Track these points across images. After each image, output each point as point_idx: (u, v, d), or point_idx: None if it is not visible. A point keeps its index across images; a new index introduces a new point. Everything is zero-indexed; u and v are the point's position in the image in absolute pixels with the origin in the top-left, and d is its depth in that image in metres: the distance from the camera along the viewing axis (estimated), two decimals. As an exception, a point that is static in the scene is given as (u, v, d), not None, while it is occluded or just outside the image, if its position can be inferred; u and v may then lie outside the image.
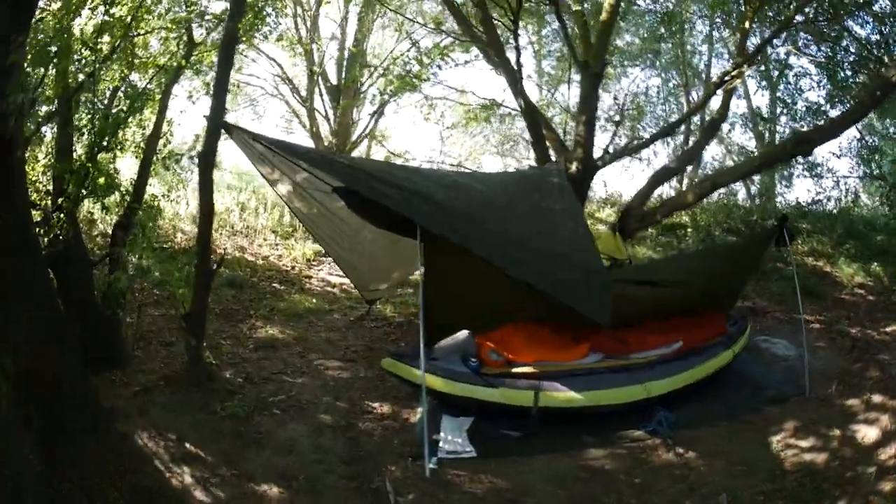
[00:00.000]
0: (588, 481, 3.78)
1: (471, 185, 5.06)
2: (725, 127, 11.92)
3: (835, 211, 9.37)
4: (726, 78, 6.59)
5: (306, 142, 12.11)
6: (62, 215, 4.32)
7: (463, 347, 4.61)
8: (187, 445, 3.84)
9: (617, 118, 9.07)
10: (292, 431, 4.29)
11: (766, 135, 11.55)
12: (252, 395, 4.73)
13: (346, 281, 7.98)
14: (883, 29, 6.84)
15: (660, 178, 7.19)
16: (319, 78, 11.95)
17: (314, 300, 7.39)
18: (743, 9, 6.83)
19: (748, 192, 12.95)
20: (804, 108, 8.66)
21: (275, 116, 15.93)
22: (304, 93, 12.31)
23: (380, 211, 4.93)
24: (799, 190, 10.56)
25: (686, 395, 4.70)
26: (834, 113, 7.58)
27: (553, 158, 7.26)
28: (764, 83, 9.98)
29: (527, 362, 4.56)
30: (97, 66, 4.50)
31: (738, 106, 9.08)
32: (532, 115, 7.02)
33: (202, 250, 4.53)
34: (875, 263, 7.86)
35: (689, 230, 9.34)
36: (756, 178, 12.07)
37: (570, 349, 4.73)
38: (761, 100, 13.52)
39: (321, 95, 12.15)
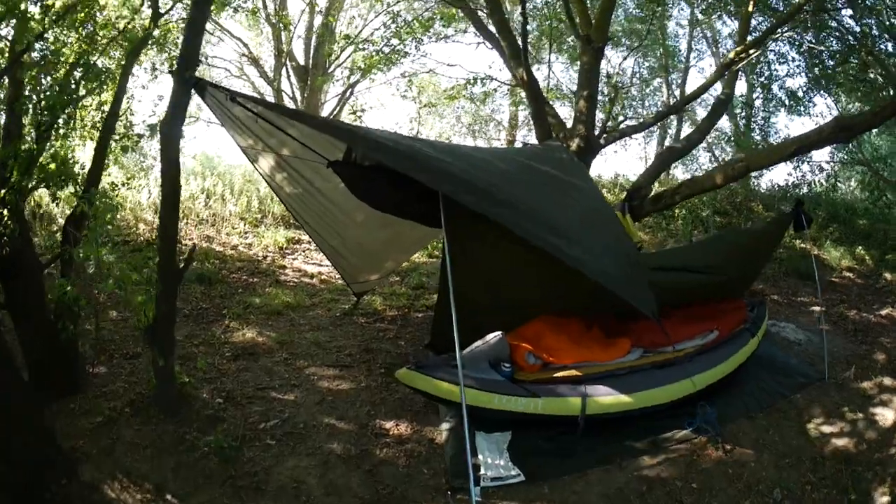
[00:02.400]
0: (648, 494, 3.48)
1: (491, 160, 4.38)
2: (700, 110, 11.91)
3: (815, 194, 9.45)
4: (735, 60, 6.29)
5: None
6: (5, 210, 3.59)
7: (494, 351, 3.95)
8: (169, 498, 3.01)
9: (611, 96, 8.64)
10: (294, 468, 3.52)
11: (742, 119, 11.56)
12: (237, 420, 3.88)
13: (325, 270, 7.36)
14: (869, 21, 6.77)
15: (666, 158, 6.89)
16: (286, 58, 11.24)
17: (292, 293, 6.52)
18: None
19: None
20: (784, 94, 8.63)
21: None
22: (271, 74, 11.65)
23: (383, 188, 4.26)
24: (777, 174, 10.56)
25: (721, 387, 4.44)
26: (819, 100, 7.52)
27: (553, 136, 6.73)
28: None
29: (566, 364, 4.03)
30: (47, 26, 3.70)
31: (715, 88, 8.95)
32: (534, 88, 6.42)
33: (166, 245, 3.58)
34: (860, 247, 7.92)
35: (677, 211, 9.14)
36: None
37: (611, 347, 4.26)
38: (740, 84, 13.65)
39: (288, 77, 11.50)
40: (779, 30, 6.94)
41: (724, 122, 13.22)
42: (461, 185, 3.42)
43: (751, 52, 6.28)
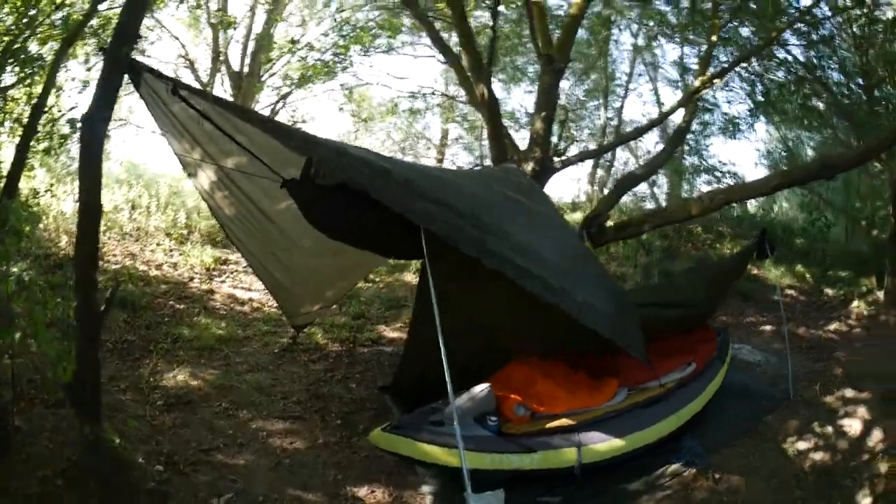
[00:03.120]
0: None
1: (464, 184, 4.00)
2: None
3: (751, 215, 9.89)
4: (700, 88, 6.38)
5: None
6: None
7: (482, 406, 3.54)
8: None
9: (562, 118, 8.58)
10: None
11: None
12: (184, 494, 3.14)
13: (256, 296, 6.70)
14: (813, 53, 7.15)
15: (626, 184, 6.83)
16: (224, 63, 10.61)
17: (223, 324, 5.77)
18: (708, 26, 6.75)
19: (652, 192, 13.52)
20: (722, 120, 8.95)
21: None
22: (206, 78, 10.87)
23: (342, 213, 3.77)
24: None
25: (700, 418, 4.41)
26: (760, 127, 7.85)
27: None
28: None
29: (557, 413, 3.70)
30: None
31: (650, 113, 9.28)
32: (494, 106, 6.14)
33: (84, 276, 2.81)
34: (799, 265, 8.28)
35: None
36: (662, 176, 12.68)
37: (599, 390, 3.98)
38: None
39: (222, 83, 10.80)
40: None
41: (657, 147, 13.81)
42: (448, 223, 3.04)
43: (715, 81, 6.39)
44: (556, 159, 6.81)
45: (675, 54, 11.62)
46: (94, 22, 3.98)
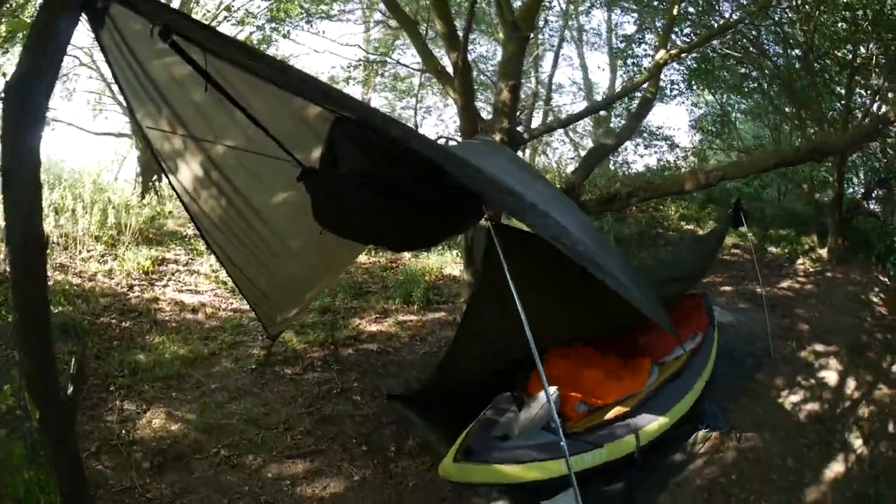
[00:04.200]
0: (712, 500, 3.49)
1: (506, 167, 3.60)
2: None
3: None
4: (668, 61, 6.33)
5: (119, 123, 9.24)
6: None
7: (551, 410, 3.25)
8: None
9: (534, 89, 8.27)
10: None
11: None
12: None
13: (206, 300, 5.93)
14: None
15: (598, 154, 6.69)
16: None
17: (181, 340, 4.92)
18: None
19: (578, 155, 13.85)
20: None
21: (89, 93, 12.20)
22: None
23: (356, 207, 3.21)
24: (650, 158, 11.40)
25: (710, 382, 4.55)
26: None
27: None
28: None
29: (609, 403, 3.58)
30: None
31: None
32: (468, 76, 5.68)
33: (32, 337, 1.88)
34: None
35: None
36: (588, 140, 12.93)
37: (638, 372, 3.93)
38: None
39: None
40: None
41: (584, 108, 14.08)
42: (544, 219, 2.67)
43: (682, 55, 6.36)
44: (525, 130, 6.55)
45: (602, 19, 11.79)
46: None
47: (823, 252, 7.90)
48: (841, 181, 7.34)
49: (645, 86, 6.84)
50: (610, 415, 3.49)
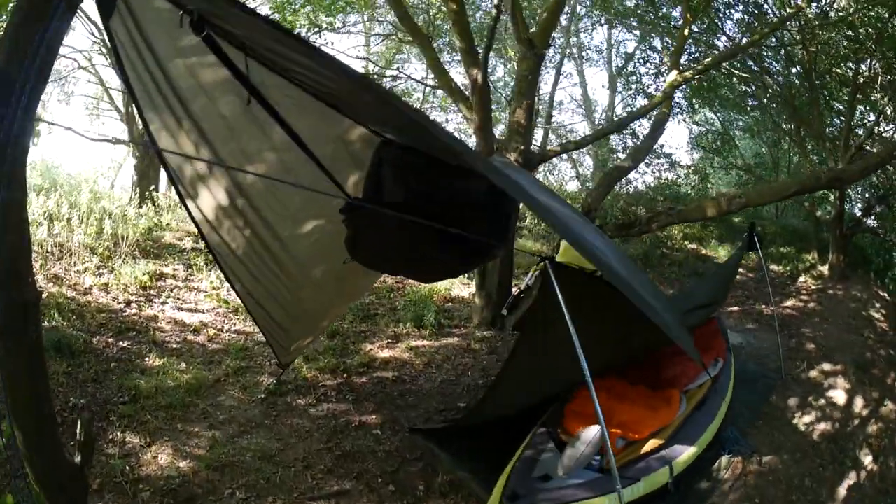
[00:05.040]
0: None
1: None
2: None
3: (684, 194, 10.37)
4: (682, 82, 6.35)
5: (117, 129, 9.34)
6: None
7: (597, 448, 3.20)
8: None
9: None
10: None
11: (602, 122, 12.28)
12: None
13: (208, 319, 5.73)
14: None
15: (613, 176, 6.66)
16: None
17: (184, 364, 4.70)
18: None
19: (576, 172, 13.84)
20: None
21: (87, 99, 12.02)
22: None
23: (392, 239, 3.06)
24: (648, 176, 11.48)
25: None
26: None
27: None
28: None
29: (645, 436, 3.51)
30: None
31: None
32: (487, 94, 5.58)
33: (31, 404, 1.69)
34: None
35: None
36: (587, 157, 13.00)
37: (669, 403, 3.87)
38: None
39: None
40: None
41: (584, 126, 14.12)
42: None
43: (697, 76, 6.39)
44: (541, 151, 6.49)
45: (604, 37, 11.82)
46: None
47: (824, 269, 7.97)
48: (842, 199, 7.43)
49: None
50: (645, 448, 3.42)
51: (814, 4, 6.51)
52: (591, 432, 3.16)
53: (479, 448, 3.58)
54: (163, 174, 11.84)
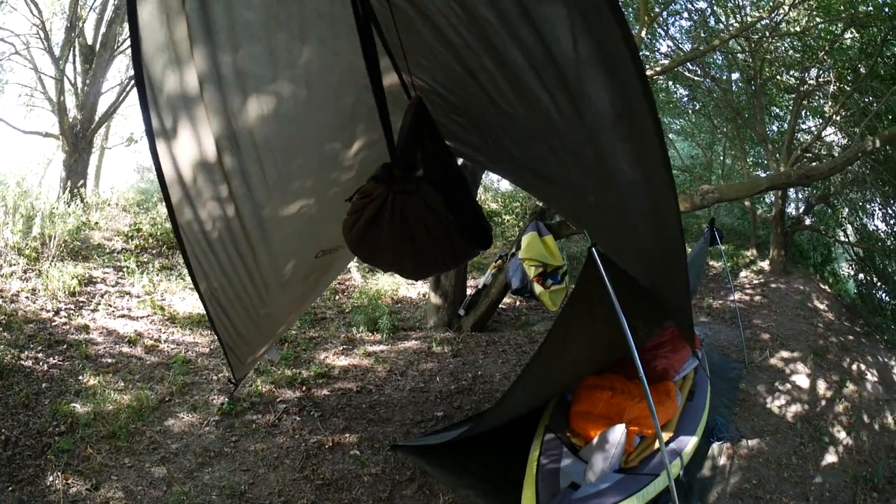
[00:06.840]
0: None
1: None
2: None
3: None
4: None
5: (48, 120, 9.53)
6: None
7: (623, 449, 3.08)
8: None
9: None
10: None
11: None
12: None
13: (143, 328, 5.13)
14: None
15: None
16: (78, 34, 9.12)
17: (122, 383, 4.09)
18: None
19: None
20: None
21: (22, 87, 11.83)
22: (58, 52, 9.40)
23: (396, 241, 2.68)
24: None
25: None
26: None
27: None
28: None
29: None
30: None
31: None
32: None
33: None
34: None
35: (505, 217, 9.46)
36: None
37: (670, 395, 3.79)
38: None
39: (74, 59, 9.20)
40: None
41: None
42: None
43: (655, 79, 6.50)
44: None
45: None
46: None
47: (764, 264, 8.41)
48: (784, 198, 7.87)
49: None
50: (657, 443, 3.25)
51: (764, 20, 6.82)
52: (618, 433, 3.01)
53: (472, 461, 3.30)
54: (91, 170, 10.78)
